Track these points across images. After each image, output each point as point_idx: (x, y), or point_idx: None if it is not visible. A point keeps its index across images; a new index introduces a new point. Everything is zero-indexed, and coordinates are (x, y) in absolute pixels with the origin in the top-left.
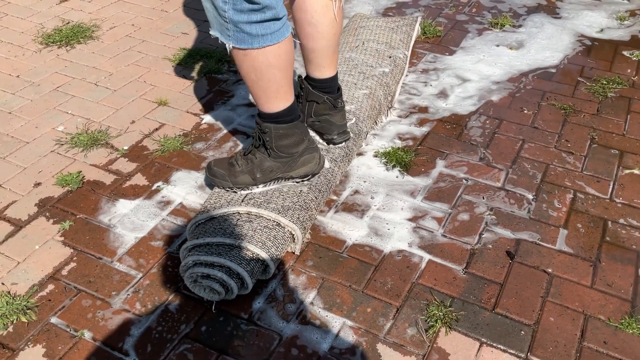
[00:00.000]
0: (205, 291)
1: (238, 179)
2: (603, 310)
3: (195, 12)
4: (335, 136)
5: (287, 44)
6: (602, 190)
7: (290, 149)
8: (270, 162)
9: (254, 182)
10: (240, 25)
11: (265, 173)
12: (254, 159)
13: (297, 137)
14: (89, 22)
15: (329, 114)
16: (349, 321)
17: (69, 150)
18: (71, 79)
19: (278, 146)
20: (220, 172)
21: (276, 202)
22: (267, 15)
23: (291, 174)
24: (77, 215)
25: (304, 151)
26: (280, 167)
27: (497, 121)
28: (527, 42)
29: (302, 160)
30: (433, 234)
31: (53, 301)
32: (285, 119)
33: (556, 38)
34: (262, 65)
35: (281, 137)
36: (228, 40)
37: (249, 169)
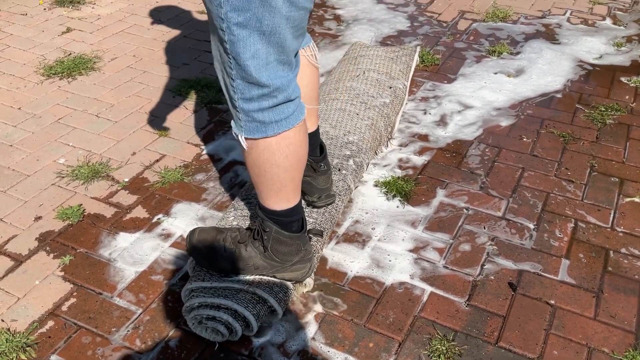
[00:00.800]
0: (208, 332)
1: (219, 264)
2: (607, 342)
3: (196, 42)
4: (316, 199)
5: (301, 129)
6: (603, 219)
7: (286, 256)
8: (259, 260)
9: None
10: (251, 115)
11: (248, 268)
12: (243, 251)
13: (295, 247)
14: (91, 53)
15: (310, 176)
16: (351, 357)
17: (70, 183)
18: (72, 111)
19: (274, 250)
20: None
21: None
22: (279, 98)
23: (276, 275)
24: (77, 250)
25: (298, 262)
26: (267, 268)
27: (496, 149)
28: (528, 68)
29: (293, 268)
30: (435, 265)
31: (53, 338)
32: (284, 220)
33: (556, 63)
34: (266, 161)
35: (280, 242)
36: (240, 131)
37: (234, 257)
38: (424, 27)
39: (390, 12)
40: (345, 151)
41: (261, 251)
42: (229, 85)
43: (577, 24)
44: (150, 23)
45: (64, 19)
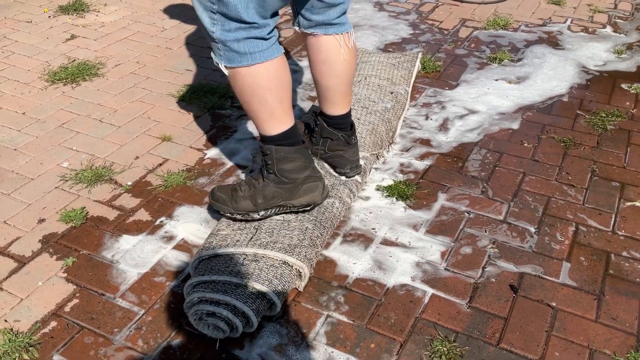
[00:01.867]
0: (209, 329)
1: (239, 205)
2: (608, 344)
3: (199, 49)
4: (348, 170)
5: (276, 65)
6: (604, 222)
7: (293, 174)
8: (272, 187)
9: (254, 208)
10: (228, 44)
11: (266, 199)
12: (257, 184)
13: (300, 162)
14: (95, 59)
15: (342, 149)
16: (353, 357)
17: (73, 187)
18: (76, 116)
19: (280, 170)
20: (222, 197)
21: (282, 242)
22: (254, 33)
23: (293, 202)
24: (80, 252)
25: (307, 179)
26: (282, 194)
27: (497, 154)
28: (532, 74)
29: (305, 188)
30: (436, 268)
31: (55, 338)
32: (284, 143)
33: (561, 68)
34: (251, 86)
35: (283, 160)
36: (220, 60)
37: (250, 194)
38: (426, 35)
39: (392, 19)
40: None
41: (271, 178)
42: (208, 19)
43: (578, 31)
44: (153, 30)
45: (68, 26)
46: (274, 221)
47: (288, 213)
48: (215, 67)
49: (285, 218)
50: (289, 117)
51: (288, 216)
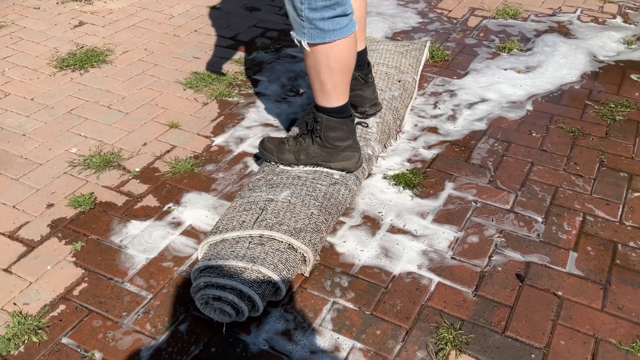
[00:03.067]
0: (215, 313)
1: (283, 156)
2: (614, 333)
3: (207, 37)
4: (367, 108)
5: (352, 40)
6: (612, 213)
7: (336, 141)
8: (315, 148)
9: (296, 162)
10: (314, 22)
11: (308, 157)
12: (303, 142)
13: (344, 132)
14: (103, 46)
15: (361, 89)
16: (359, 343)
17: (82, 172)
18: (84, 102)
19: (326, 137)
20: (270, 147)
21: (288, 224)
22: (338, 11)
23: (330, 164)
24: (89, 236)
25: (347, 147)
26: (323, 156)
27: (505, 144)
28: (544, 62)
29: (343, 155)
30: (442, 256)
31: (64, 321)
32: (335, 115)
33: (572, 57)
34: (327, 60)
35: (330, 128)
36: (303, 37)
37: (295, 150)
38: (434, 24)
39: (400, 7)
40: None
41: (317, 142)
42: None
43: (588, 21)
44: (160, 18)
45: (76, 13)
46: (279, 204)
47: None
48: (223, 55)
49: (291, 201)
50: (347, 92)
51: (294, 200)
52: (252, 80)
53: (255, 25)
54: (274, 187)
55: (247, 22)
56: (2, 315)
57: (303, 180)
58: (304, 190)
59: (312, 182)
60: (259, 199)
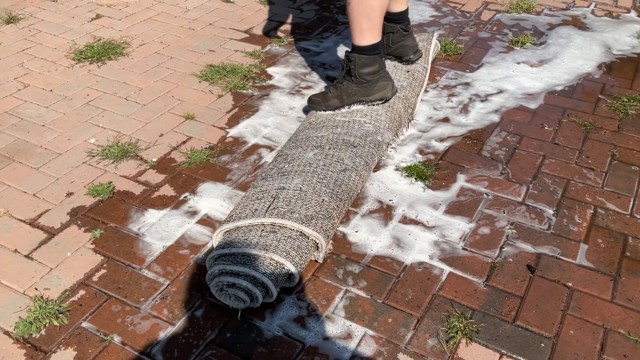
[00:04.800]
0: (230, 299)
1: (329, 103)
2: (623, 324)
3: (222, 30)
4: (411, 56)
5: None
6: (623, 206)
7: (370, 75)
8: (353, 86)
9: (340, 104)
10: None
11: (349, 96)
12: (342, 86)
13: (375, 67)
14: (120, 39)
15: (403, 39)
16: (371, 331)
17: (100, 162)
18: (102, 94)
19: (360, 74)
20: (316, 100)
21: (299, 212)
22: None
23: (369, 97)
24: (107, 224)
25: (380, 79)
26: (361, 91)
27: (517, 137)
28: (559, 53)
29: (379, 86)
30: (454, 247)
31: (84, 306)
32: (368, 53)
33: (587, 48)
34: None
35: (363, 65)
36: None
37: (337, 95)
38: (448, 17)
39: (414, 1)
40: (363, 131)
41: (353, 80)
42: None
43: (602, 15)
44: (176, 11)
45: (93, 6)
46: (291, 192)
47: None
48: (238, 49)
49: (302, 189)
50: (380, 31)
51: (305, 187)
52: (266, 73)
53: (269, 18)
54: (285, 175)
55: (261, 15)
56: (23, 299)
57: (314, 167)
58: (314, 177)
59: (322, 169)
60: (270, 188)
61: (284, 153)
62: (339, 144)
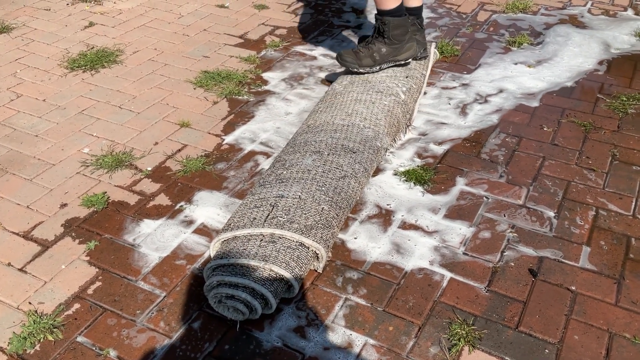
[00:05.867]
0: (229, 311)
1: (362, 61)
2: (628, 328)
3: (216, 36)
4: (422, 51)
5: None
6: (625, 207)
7: (401, 37)
8: (385, 47)
9: (374, 63)
10: None
11: (382, 56)
12: (373, 46)
13: (405, 28)
14: (113, 46)
15: (416, 34)
16: (371, 340)
17: (94, 172)
18: (96, 102)
19: (393, 35)
20: (349, 58)
21: (299, 222)
22: None
23: (399, 57)
24: (102, 235)
25: (409, 40)
26: (392, 52)
27: (516, 139)
28: (559, 51)
29: (407, 46)
30: (454, 252)
31: (79, 320)
32: (397, 14)
33: (586, 46)
34: None
35: (396, 27)
36: None
37: (370, 54)
38: (444, 19)
39: None
40: (362, 136)
41: (385, 42)
42: None
43: (598, 14)
44: (170, 17)
45: (86, 14)
46: (290, 200)
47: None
48: (232, 54)
49: (301, 197)
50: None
51: (304, 195)
52: (262, 79)
53: (263, 23)
54: (284, 182)
55: (255, 20)
56: (17, 314)
57: (313, 174)
58: (314, 185)
59: (322, 176)
60: (269, 195)
61: (282, 159)
62: (338, 149)
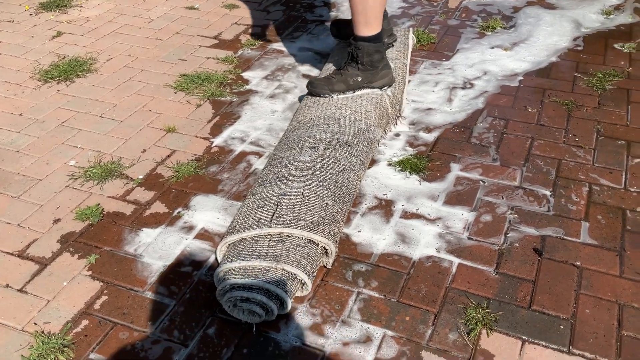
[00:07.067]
0: (244, 314)
1: (335, 87)
2: (636, 297)
3: (190, 38)
4: (386, 39)
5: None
6: (616, 180)
7: (375, 63)
8: (359, 73)
9: (347, 88)
10: None
11: (355, 82)
12: (347, 72)
13: (380, 55)
14: (85, 55)
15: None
16: (390, 331)
17: (84, 184)
18: (75, 113)
19: (367, 61)
20: (320, 84)
21: (305, 219)
22: None
23: (373, 84)
24: (102, 248)
25: (384, 67)
26: (365, 78)
27: (503, 121)
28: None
29: (382, 73)
30: (459, 238)
31: (89, 336)
32: (374, 40)
33: (558, 25)
34: None
35: (370, 53)
36: None
37: (343, 79)
38: (416, 8)
39: None
40: (355, 129)
41: (359, 68)
42: None
43: None
44: (140, 22)
45: (52, 23)
46: (293, 197)
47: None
48: (209, 56)
49: (304, 194)
50: (380, 25)
51: (307, 192)
52: (242, 78)
53: (236, 22)
54: (284, 180)
55: (228, 20)
56: (23, 336)
57: (312, 170)
58: (314, 181)
59: (321, 172)
60: (271, 194)
61: (278, 156)
62: (333, 143)
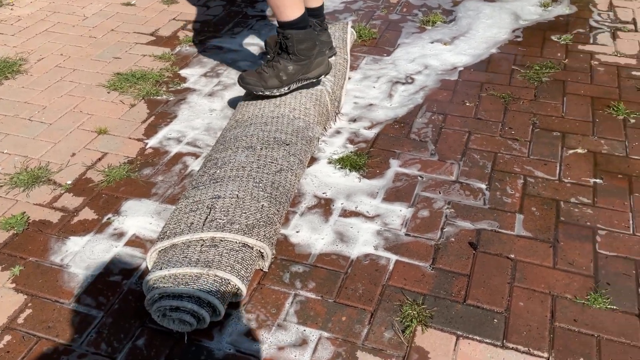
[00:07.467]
0: (175, 323)
1: (268, 83)
2: (568, 289)
3: (125, 35)
4: (327, 52)
5: None
6: (550, 172)
7: (308, 52)
8: (292, 65)
9: (281, 84)
10: None
11: (289, 75)
12: (279, 64)
13: (311, 42)
14: (15, 56)
15: (318, 34)
16: (326, 333)
17: (10, 192)
18: (2, 117)
19: (299, 50)
20: (252, 80)
21: (239, 222)
22: None
23: (309, 75)
24: (26, 259)
25: (317, 54)
26: (300, 69)
27: (442, 116)
28: (473, 24)
29: (316, 62)
30: (397, 234)
31: (12, 352)
32: (300, 25)
33: (497, 17)
34: None
35: (301, 41)
36: None
37: (275, 74)
38: (358, 3)
39: None
40: (293, 127)
41: (291, 58)
42: None
43: None
44: (73, 20)
45: None
46: (227, 200)
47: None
48: (145, 53)
49: (239, 196)
50: (302, 5)
51: (242, 194)
52: (180, 76)
53: (174, 18)
54: (218, 182)
55: (165, 16)
56: None
57: (248, 170)
58: (250, 182)
59: (257, 172)
60: (204, 197)
61: (214, 157)
62: (271, 142)
